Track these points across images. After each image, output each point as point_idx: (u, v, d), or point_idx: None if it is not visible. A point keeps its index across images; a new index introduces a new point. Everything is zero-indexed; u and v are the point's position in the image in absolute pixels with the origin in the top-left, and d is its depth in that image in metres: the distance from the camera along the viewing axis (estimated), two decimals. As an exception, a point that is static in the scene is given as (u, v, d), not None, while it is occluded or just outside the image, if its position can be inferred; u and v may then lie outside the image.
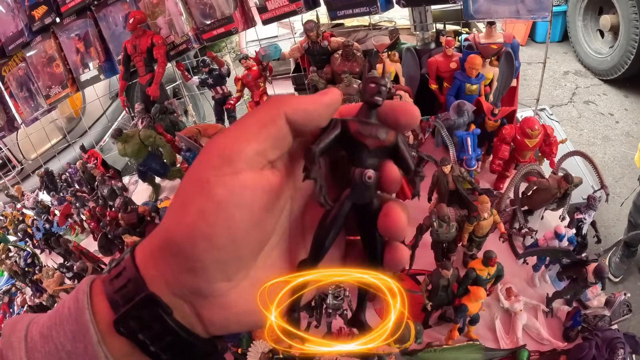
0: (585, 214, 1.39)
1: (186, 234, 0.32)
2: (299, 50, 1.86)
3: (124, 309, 0.34)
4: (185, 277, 0.33)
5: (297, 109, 0.34)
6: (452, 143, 1.56)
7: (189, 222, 0.32)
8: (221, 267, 0.33)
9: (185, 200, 0.33)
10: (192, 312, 0.35)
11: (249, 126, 0.33)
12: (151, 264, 0.35)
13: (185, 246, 0.32)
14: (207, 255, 0.32)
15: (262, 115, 0.34)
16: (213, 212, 0.32)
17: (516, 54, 1.77)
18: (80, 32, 1.99)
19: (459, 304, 1.26)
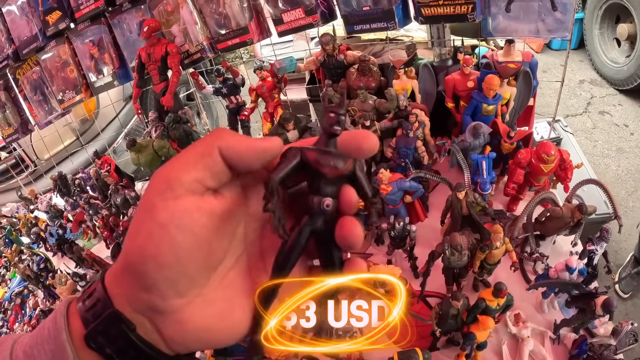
0: (597, 245, 1.44)
1: (137, 254, 0.36)
2: (314, 63, 1.90)
3: (92, 325, 0.38)
4: (142, 294, 0.37)
5: (230, 148, 0.37)
6: (467, 166, 1.60)
7: (139, 243, 0.36)
8: (171, 284, 0.37)
9: (138, 224, 0.37)
10: (153, 328, 0.39)
11: (189, 156, 0.37)
12: (116, 284, 0.39)
13: (138, 266, 0.36)
14: (156, 274, 0.36)
15: (200, 147, 0.37)
16: (158, 233, 0.35)
17: (534, 73, 1.79)
18: (94, 38, 2.04)
19: (467, 332, 1.34)
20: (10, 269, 2.49)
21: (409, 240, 1.52)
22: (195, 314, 0.39)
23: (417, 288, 1.50)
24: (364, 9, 1.72)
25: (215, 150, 0.37)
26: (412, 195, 1.60)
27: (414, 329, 1.53)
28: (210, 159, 0.37)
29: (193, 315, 0.39)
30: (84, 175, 2.20)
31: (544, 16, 1.63)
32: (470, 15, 1.64)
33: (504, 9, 1.64)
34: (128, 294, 0.38)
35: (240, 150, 0.37)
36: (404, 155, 1.67)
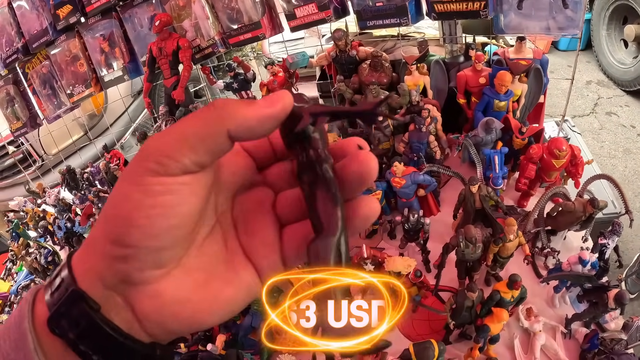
0: (609, 239, 1.47)
1: (122, 223, 0.35)
2: (326, 58, 1.93)
3: (55, 308, 0.36)
4: (117, 264, 0.35)
5: (241, 125, 0.35)
6: (479, 161, 1.63)
7: (125, 213, 0.34)
8: (152, 255, 0.36)
9: (123, 193, 0.35)
10: (125, 304, 0.37)
11: (190, 134, 0.35)
12: (85, 259, 0.37)
13: (121, 235, 0.34)
14: (139, 243, 0.35)
15: (203, 127, 0.35)
16: (148, 205, 0.34)
17: (545, 70, 1.82)
18: (105, 32, 2.07)
19: (481, 324, 1.36)
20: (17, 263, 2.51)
21: (422, 233, 1.55)
22: (173, 285, 0.37)
23: (430, 281, 1.52)
24: (377, 4, 1.75)
25: (223, 132, 0.35)
26: (425, 189, 1.63)
27: (427, 323, 1.55)
28: (215, 142, 0.35)
29: (170, 286, 0.37)
30: (93, 169, 2.22)
31: (555, 13, 1.65)
32: (483, 11, 1.67)
33: (515, 6, 1.67)
34: (100, 266, 0.36)
35: (252, 125, 0.36)
36: (416, 150, 1.70)
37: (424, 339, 1.50)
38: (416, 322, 1.55)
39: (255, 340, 1.62)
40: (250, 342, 1.62)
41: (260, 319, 1.59)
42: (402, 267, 1.37)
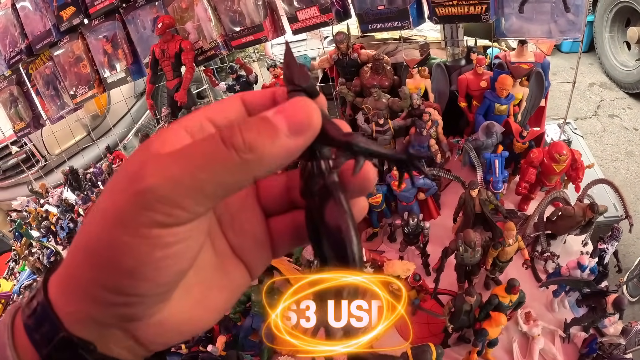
0: (609, 244, 1.48)
1: (123, 276, 0.31)
2: (328, 61, 1.95)
3: (45, 351, 0.33)
4: (117, 309, 0.33)
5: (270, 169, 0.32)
6: (479, 165, 1.64)
7: (128, 268, 0.31)
8: (160, 297, 0.34)
9: (121, 248, 0.30)
10: (126, 335, 0.35)
11: (206, 184, 0.30)
12: (70, 299, 0.33)
13: (122, 287, 0.31)
14: (148, 293, 0.32)
15: (226, 175, 0.31)
16: (159, 258, 0.31)
17: (546, 74, 1.84)
18: (108, 33, 2.09)
19: (479, 328, 1.38)
20: (19, 262, 2.53)
21: (422, 237, 1.56)
22: (175, 309, 0.35)
23: (429, 285, 1.54)
24: (378, 8, 1.76)
25: (248, 180, 0.32)
26: (425, 193, 1.64)
27: (426, 326, 1.57)
28: (238, 189, 0.32)
29: (173, 312, 0.35)
30: (96, 170, 2.25)
31: (557, 17, 1.66)
32: (484, 15, 1.68)
33: (517, 10, 1.68)
34: (92, 310, 0.33)
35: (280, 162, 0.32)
36: (417, 154, 1.71)
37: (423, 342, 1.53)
38: (415, 325, 1.57)
39: (256, 342, 1.64)
40: (250, 344, 1.63)
41: (260, 320, 1.61)
42: (401, 271, 1.39)
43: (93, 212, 0.33)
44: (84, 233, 0.33)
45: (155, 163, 0.30)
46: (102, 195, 0.33)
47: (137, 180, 0.29)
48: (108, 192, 0.32)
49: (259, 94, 0.38)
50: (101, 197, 0.33)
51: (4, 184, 3.20)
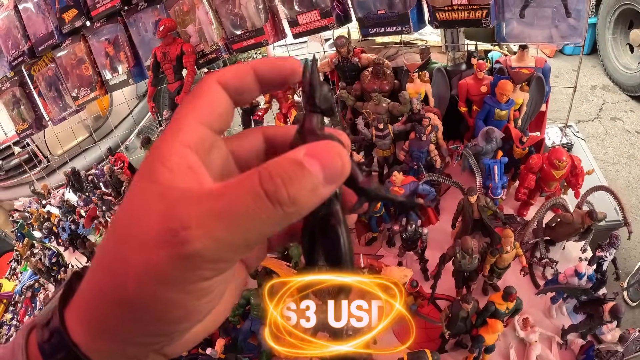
0: (607, 252, 1.49)
1: (170, 324, 0.33)
2: (328, 65, 1.96)
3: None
4: (157, 346, 0.34)
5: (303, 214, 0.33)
6: (479, 171, 1.65)
7: (174, 318, 0.32)
8: (192, 326, 0.35)
9: (167, 304, 0.31)
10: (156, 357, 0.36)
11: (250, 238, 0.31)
12: (100, 341, 0.34)
13: (167, 333, 0.33)
14: (182, 328, 0.34)
15: (266, 227, 0.31)
16: (204, 304, 0.33)
17: (547, 79, 1.84)
18: (110, 36, 2.11)
19: (476, 335, 1.39)
20: (21, 262, 2.57)
21: (420, 242, 1.58)
22: (200, 328, 0.37)
23: (427, 290, 1.55)
24: (379, 12, 1.77)
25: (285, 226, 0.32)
26: (424, 199, 1.66)
27: (423, 331, 1.58)
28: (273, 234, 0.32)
29: (198, 330, 0.37)
30: (97, 171, 2.27)
31: (558, 22, 1.66)
32: (485, 20, 1.68)
33: (518, 15, 1.68)
34: (129, 350, 0.34)
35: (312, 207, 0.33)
36: (416, 159, 1.73)
37: (420, 347, 1.54)
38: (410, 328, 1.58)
39: (255, 345, 1.66)
40: (249, 347, 1.65)
41: (259, 323, 1.63)
42: (399, 277, 1.40)
43: (114, 259, 0.32)
44: (114, 285, 0.32)
45: (198, 222, 0.29)
46: (117, 234, 0.32)
47: (180, 243, 0.29)
48: (132, 239, 0.31)
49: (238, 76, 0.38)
50: (115, 237, 0.33)
51: (6, 184, 3.24)
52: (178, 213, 0.30)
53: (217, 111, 0.36)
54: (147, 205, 0.31)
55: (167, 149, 0.33)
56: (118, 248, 0.32)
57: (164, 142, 0.33)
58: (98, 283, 0.34)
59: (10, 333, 2.37)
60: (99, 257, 0.34)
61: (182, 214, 0.30)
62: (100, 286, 0.33)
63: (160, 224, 0.30)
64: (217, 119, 0.36)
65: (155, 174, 0.32)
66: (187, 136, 0.34)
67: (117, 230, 0.33)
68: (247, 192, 0.30)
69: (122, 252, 0.31)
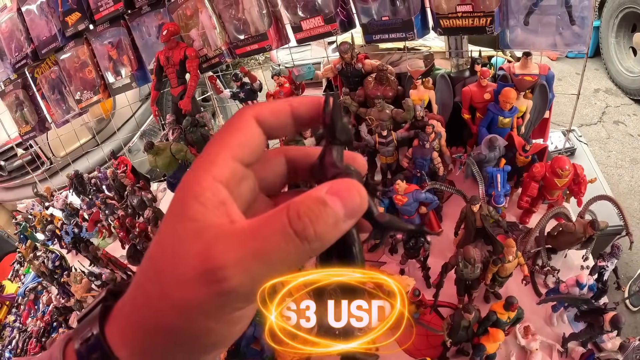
0: (608, 262, 1.50)
1: (209, 346, 0.36)
2: (332, 71, 1.97)
3: None
4: (190, 357, 0.37)
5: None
6: (482, 179, 1.67)
7: (212, 342, 0.36)
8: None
9: (205, 331, 0.34)
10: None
11: (276, 267, 0.33)
12: (139, 354, 0.36)
13: (207, 353, 0.37)
14: (224, 348, 0.41)
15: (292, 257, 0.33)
16: (237, 331, 0.37)
17: (550, 86, 1.85)
18: (113, 39, 2.12)
19: (477, 343, 1.41)
20: (24, 264, 2.59)
21: (423, 250, 1.59)
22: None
23: (429, 298, 1.57)
24: (383, 18, 1.78)
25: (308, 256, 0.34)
26: (427, 207, 1.67)
27: (425, 339, 1.61)
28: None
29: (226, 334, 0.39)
30: (100, 175, 2.29)
31: (562, 29, 1.67)
32: (489, 27, 1.69)
33: (522, 22, 1.69)
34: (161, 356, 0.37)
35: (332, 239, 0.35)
36: (419, 166, 1.74)
37: (422, 354, 1.57)
38: (415, 337, 1.61)
39: (258, 350, 1.68)
40: (252, 352, 1.67)
41: (262, 329, 1.64)
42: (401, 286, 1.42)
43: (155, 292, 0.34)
44: (156, 315, 0.34)
45: (235, 261, 0.32)
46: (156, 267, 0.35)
47: (218, 281, 0.32)
48: (171, 276, 0.33)
49: (275, 114, 0.40)
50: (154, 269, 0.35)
51: (9, 185, 3.25)
52: (216, 254, 0.32)
53: (250, 147, 0.38)
54: (184, 243, 0.34)
55: (200, 183, 0.35)
56: (157, 281, 0.34)
57: (197, 176, 0.35)
58: (138, 309, 0.36)
59: (13, 335, 2.39)
60: (140, 283, 0.36)
61: (219, 255, 0.32)
62: (141, 312, 0.35)
63: (200, 265, 0.32)
64: (249, 154, 0.38)
65: (190, 210, 0.34)
66: (220, 171, 0.36)
67: (155, 264, 0.35)
68: (278, 232, 0.33)
69: (162, 285, 0.34)
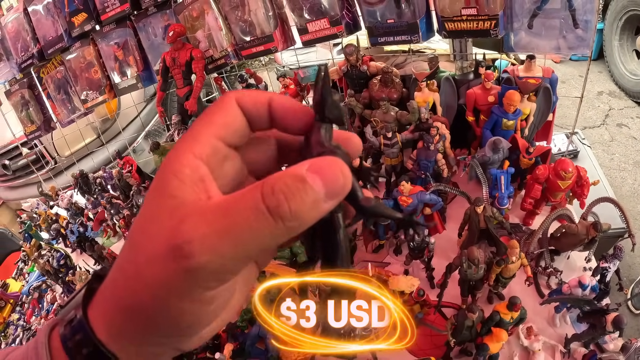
0: (610, 263, 1.53)
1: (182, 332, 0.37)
2: (337, 73, 2.00)
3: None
4: (168, 344, 0.38)
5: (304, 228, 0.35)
6: (485, 181, 1.70)
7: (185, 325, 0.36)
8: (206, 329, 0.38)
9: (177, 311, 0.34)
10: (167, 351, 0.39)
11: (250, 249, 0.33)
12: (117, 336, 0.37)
13: (180, 337, 0.37)
14: (199, 334, 0.38)
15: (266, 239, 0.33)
16: (211, 311, 0.36)
17: (554, 89, 1.88)
18: (119, 40, 2.15)
19: (480, 343, 1.44)
20: (28, 263, 2.62)
21: (427, 251, 1.62)
22: (214, 325, 0.39)
23: (432, 298, 1.60)
24: (388, 21, 1.81)
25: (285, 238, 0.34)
26: (431, 208, 1.70)
27: (429, 338, 1.63)
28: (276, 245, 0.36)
29: (213, 327, 0.39)
30: (106, 174, 2.32)
31: (566, 33, 1.70)
32: (493, 30, 1.72)
33: (526, 25, 1.72)
34: (138, 347, 0.37)
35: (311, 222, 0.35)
36: (424, 168, 1.77)
37: (426, 354, 1.59)
38: (418, 337, 1.63)
39: (262, 350, 1.70)
40: (257, 351, 1.70)
41: (266, 329, 1.67)
42: (406, 287, 1.45)
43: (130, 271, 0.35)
44: (131, 294, 0.35)
45: (202, 237, 0.32)
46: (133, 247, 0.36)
47: (185, 257, 0.32)
48: (144, 253, 0.34)
49: (253, 103, 0.40)
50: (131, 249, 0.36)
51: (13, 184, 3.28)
52: (185, 230, 0.32)
53: (232, 127, 0.38)
54: (158, 221, 0.34)
55: (180, 160, 0.35)
56: (133, 260, 0.35)
57: (178, 154, 0.36)
58: (117, 290, 0.37)
59: (17, 333, 2.42)
60: (119, 264, 0.37)
61: (188, 231, 0.32)
62: (119, 293, 0.36)
63: (168, 240, 0.32)
64: (231, 134, 0.38)
65: (168, 186, 0.34)
66: (201, 148, 0.36)
67: (133, 243, 0.36)
68: (249, 207, 0.32)
69: (137, 265, 0.34)
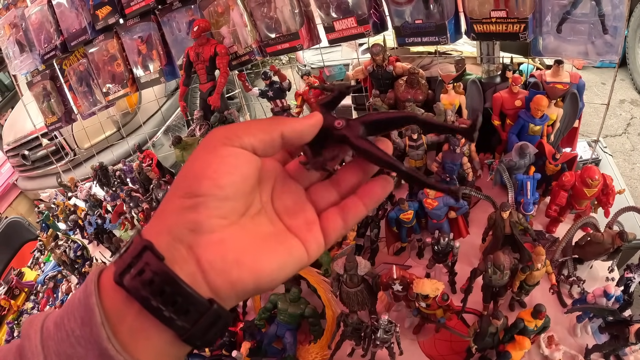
0: (635, 274, 1.54)
1: (195, 175, 0.46)
2: (363, 72, 2.01)
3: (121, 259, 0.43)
4: (188, 214, 0.44)
5: (292, 131, 0.50)
6: (511, 186, 1.71)
7: (198, 169, 0.46)
8: (219, 203, 0.45)
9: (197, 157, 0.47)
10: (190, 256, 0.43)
11: (252, 128, 0.49)
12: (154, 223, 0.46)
13: (193, 185, 0.45)
14: (209, 191, 0.45)
15: (265, 126, 0.49)
16: (217, 162, 0.46)
17: (581, 95, 1.88)
18: (143, 34, 2.18)
19: (502, 351, 1.46)
20: (44, 253, 2.67)
21: (451, 255, 1.64)
22: (235, 235, 0.46)
23: (456, 303, 1.62)
24: (416, 22, 1.82)
25: (278, 133, 0.49)
26: (456, 212, 1.72)
27: (448, 344, 1.66)
28: (269, 138, 0.49)
29: (233, 235, 0.46)
30: (125, 167, 2.36)
31: (594, 38, 1.70)
32: (522, 34, 1.72)
33: (555, 29, 1.72)
34: (170, 221, 0.45)
35: (299, 129, 0.51)
36: (449, 171, 1.79)
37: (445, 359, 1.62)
38: (438, 342, 1.66)
39: (279, 349, 1.73)
40: (273, 350, 1.73)
41: (285, 328, 1.70)
42: (430, 290, 1.47)
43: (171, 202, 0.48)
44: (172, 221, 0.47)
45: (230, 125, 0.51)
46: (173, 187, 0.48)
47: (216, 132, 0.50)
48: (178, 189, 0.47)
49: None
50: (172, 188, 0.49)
51: (32, 174, 3.34)
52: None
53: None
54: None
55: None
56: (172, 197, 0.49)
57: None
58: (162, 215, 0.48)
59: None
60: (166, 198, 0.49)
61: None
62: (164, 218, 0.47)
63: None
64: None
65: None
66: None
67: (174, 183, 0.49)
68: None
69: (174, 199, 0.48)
